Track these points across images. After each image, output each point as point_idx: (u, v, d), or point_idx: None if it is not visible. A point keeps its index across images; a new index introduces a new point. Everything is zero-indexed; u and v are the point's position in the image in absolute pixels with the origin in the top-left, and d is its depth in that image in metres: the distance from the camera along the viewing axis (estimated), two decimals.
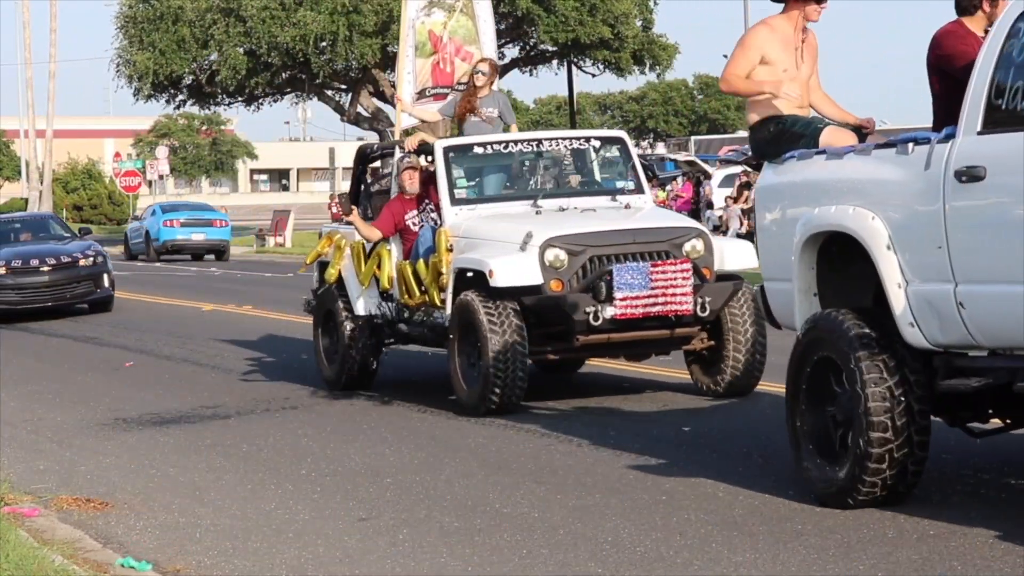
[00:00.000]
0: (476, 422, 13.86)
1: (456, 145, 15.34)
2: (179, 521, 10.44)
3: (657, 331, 14.12)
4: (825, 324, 9.64)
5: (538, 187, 15.48)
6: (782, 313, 10.50)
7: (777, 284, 10.49)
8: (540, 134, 16.27)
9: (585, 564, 8.82)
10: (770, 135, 10.52)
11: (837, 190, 9.71)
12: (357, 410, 14.99)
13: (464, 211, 14.90)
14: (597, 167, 15.89)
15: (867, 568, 8.37)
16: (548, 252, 13.94)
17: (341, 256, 16.21)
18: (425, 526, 9.93)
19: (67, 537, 9.67)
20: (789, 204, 10.30)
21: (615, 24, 58.95)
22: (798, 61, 10.59)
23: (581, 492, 10.68)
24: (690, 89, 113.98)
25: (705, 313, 13.94)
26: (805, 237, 9.94)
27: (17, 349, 22.38)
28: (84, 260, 27.69)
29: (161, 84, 59.89)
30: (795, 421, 9.94)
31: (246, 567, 9.17)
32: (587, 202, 15.15)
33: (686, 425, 13.15)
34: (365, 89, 61.67)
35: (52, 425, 14.95)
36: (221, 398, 16.11)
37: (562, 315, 13.92)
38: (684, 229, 14.57)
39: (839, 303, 9.87)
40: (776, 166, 10.49)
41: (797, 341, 9.94)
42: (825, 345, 9.62)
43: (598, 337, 13.98)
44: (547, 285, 13.91)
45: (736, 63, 10.57)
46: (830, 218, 9.71)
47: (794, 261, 10.06)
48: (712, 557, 8.80)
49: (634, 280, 13.68)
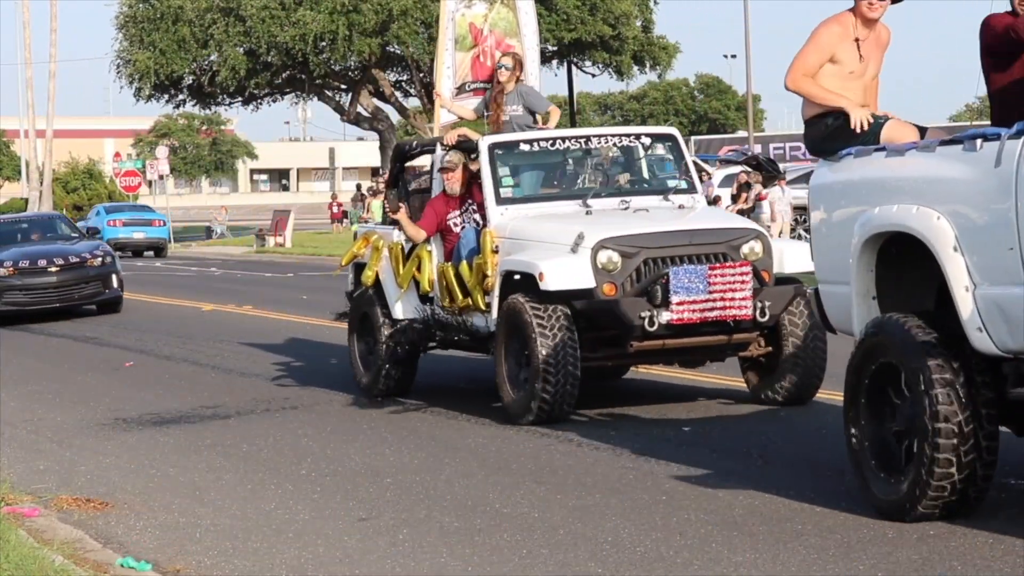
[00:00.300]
0: (476, 422, 13.86)
1: (502, 142, 14.73)
2: (179, 521, 10.44)
3: (714, 337, 13.50)
4: (887, 329, 9.19)
5: (587, 186, 14.87)
6: (838, 317, 10.03)
7: (833, 287, 10.04)
8: (589, 131, 15.59)
9: (585, 564, 8.82)
10: (827, 131, 10.04)
11: (899, 189, 9.25)
12: (357, 410, 14.99)
13: (510, 211, 14.29)
14: (646, 165, 15.28)
15: (867, 568, 8.37)
16: (601, 254, 13.32)
17: (378, 258, 15.46)
18: (425, 526, 9.93)
19: (67, 537, 9.67)
20: (846, 203, 9.82)
21: (615, 24, 58.96)
22: (863, 59, 10.10)
23: (581, 492, 10.68)
24: (690, 89, 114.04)
25: (765, 318, 13.34)
26: (864, 238, 9.47)
27: (17, 349, 22.38)
28: (92, 260, 27.38)
29: (161, 84, 59.93)
30: (853, 430, 9.47)
31: (246, 567, 9.17)
32: (639, 201, 14.49)
33: (686, 425, 13.15)
34: (365, 89, 61.68)
35: (52, 425, 14.94)
36: (221, 398, 16.11)
37: (616, 320, 13.28)
38: (742, 230, 13.92)
39: (899, 307, 9.43)
40: (832, 163, 10.04)
41: (856, 347, 9.49)
42: (887, 351, 9.19)
43: (652, 343, 13.35)
44: (599, 288, 13.29)
45: (805, 61, 10.03)
46: (892, 218, 9.25)
47: (852, 263, 9.61)
48: (712, 557, 8.80)
49: (691, 283, 13.08)
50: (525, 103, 15.33)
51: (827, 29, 10.12)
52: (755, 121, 73.08)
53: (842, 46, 10.06)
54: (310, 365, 18.30)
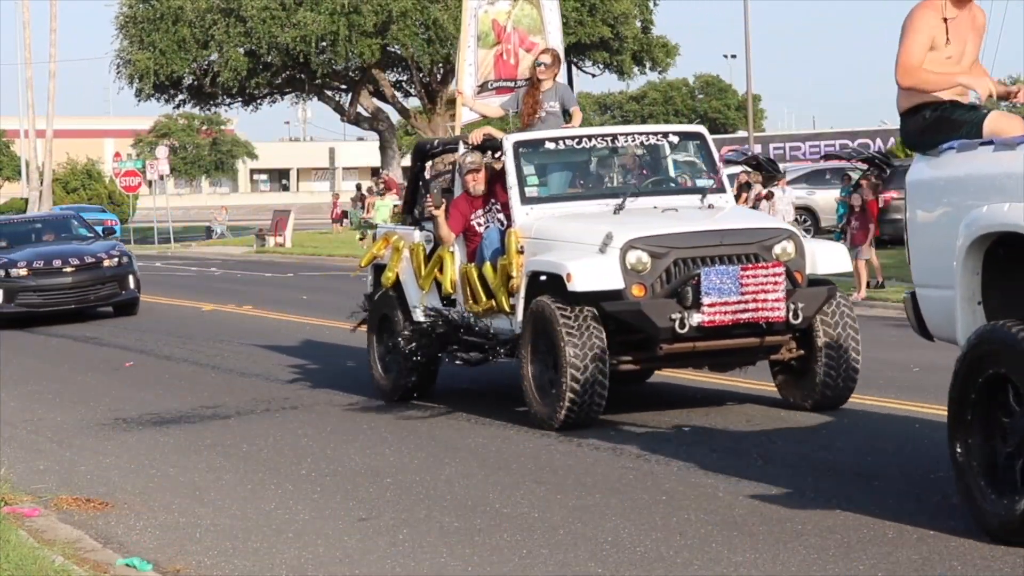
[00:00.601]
0: (476, 422, 13.86)
1: (527, 140, 14.43)
2: (179, 521, 10.44)
3: (746, 339, 13.14)
4: (997, 337, 8.51)
5: (614, 185, 14.53)
6: (938, 324, 9.34)
7: (933, 291, 9.34)
8: (615, 129, 15.22)
9: (585, 564, 8.82)
10: (925, 123, 9.40)
11: (1009, 186, 8.57)
12: (357, 410, 14.98)
13: (535, 210, 13.95)
14: (672, 164, 14.92)
15: (867, 568, 8.37)
16: (630, 254, 12.95)
17: (399, 258, 15.20)
18: (425, 526, 9.93)
19: (67, 537, 9.67)
20: (949, 202, 9.17)
21: (615, 24, 58.96)
22: (953, 42, 9.44)
23: (581, 492, 10.68)
24: (690, 89, 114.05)
25: (797, 320, 12.97)
26: (971, 239, 8.77)
27: (17, 349, 22.38)
28: (108, 261, 26.73)
29: (161, 84, 59.93)
30: (958, 447, 8.79)
31: (246, 567, 9.17)
32: (667, 201, 14.12)
33: (686, 425, 13.15)
34: (365, 89, 61.69)
35: (52, 425, 14.94)
36: (221, 398, 16.10)
37: (645, 322, 12.91)
38: (774, 230, 13.51)
39: (1008, 312, 8.77)
40: (931, 158, 9.35)
41: (960, 356, 8.84)
42: (998, 360, 8.52)
43: (683, 346, 12.99)
44: (628, 290, 12.93)
45: (910, 51, 9.33)
46: (1002, 217, 8.57)
47: (956, 266, 8.91)
48: (712, 557, 8.80)
49: (723, 284, 12.72)
50: (562, 100, 15.11)
51: (921, 14, 9.46)
52: (755, 121, 73.06)
53: (938, 30, 9.42)
54: (310, 365, 18.30)
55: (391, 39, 56.60)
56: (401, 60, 60.40)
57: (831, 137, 67.86)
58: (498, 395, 15.15)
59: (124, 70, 60.15)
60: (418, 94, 61.33)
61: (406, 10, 55.31)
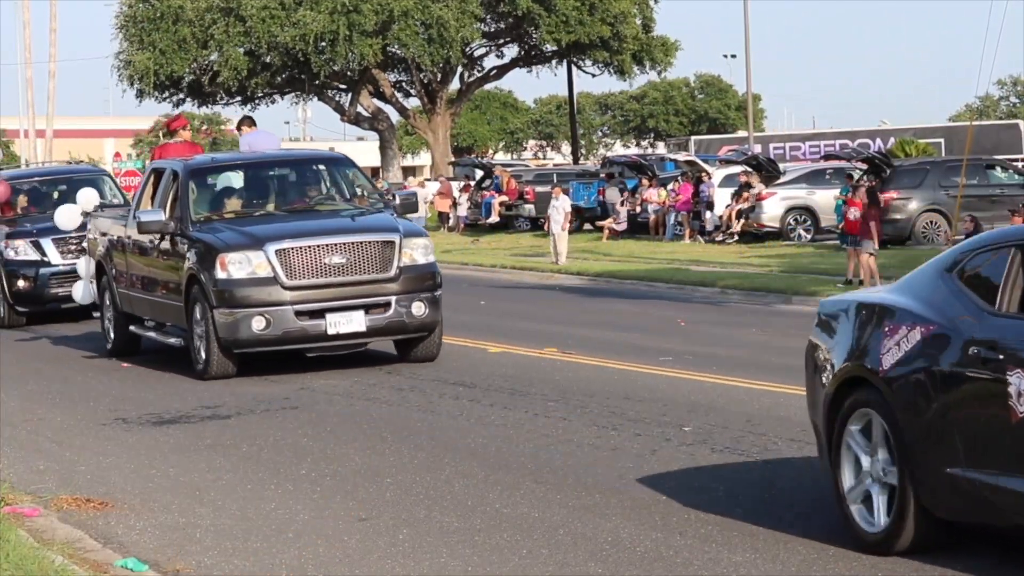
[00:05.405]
0: (476, 422, 13.86)
1: None
2: (179, 521, 10.43)
3: None
4: None
5: None
6: None
7: None
8: None
9: (585, 564, 8.82)
10: None
11: None
12: (357, 410, 14.98)
13: None
14: None
15: (867, 568, 8.38)
16: None
17: None
18: (425, 526, 9.93)
19: (67, 537, 9.67)
20: None
21: (615, 23, 58.96)
22: None
23: (581, 492, 10.68)
24: (690, 88, 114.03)
25: None
26: None
27: (17, 349, 22.36)
28: None
29: (161, 84, 59.95)
30: None
31: (246, 567, 9.18)
32: None
33: (686, 425, 13.15)
34: (365, 89, 61.69)
35: (52, 425, 14.94)
36: (221, 398, 16.10)
37: None
38: None
39: None
40: None
41: None
42: None
43: None
44: None
45: None
46: None
47: None
48: (712, 557, 8.80)
49: None
50: None
51: None
52: (755, 121, 73.05)
53: None
54: (310, 365, 18.28)
55: (392, 39, 56.63)
56: (401, 60, 60.45)
57: (831, 137, 67.92)
58: (498, 394, 15.16)
59: (124, 71, 60.21)
60: (418, 94, 61.36)
61: (407, 9, 55.33)
